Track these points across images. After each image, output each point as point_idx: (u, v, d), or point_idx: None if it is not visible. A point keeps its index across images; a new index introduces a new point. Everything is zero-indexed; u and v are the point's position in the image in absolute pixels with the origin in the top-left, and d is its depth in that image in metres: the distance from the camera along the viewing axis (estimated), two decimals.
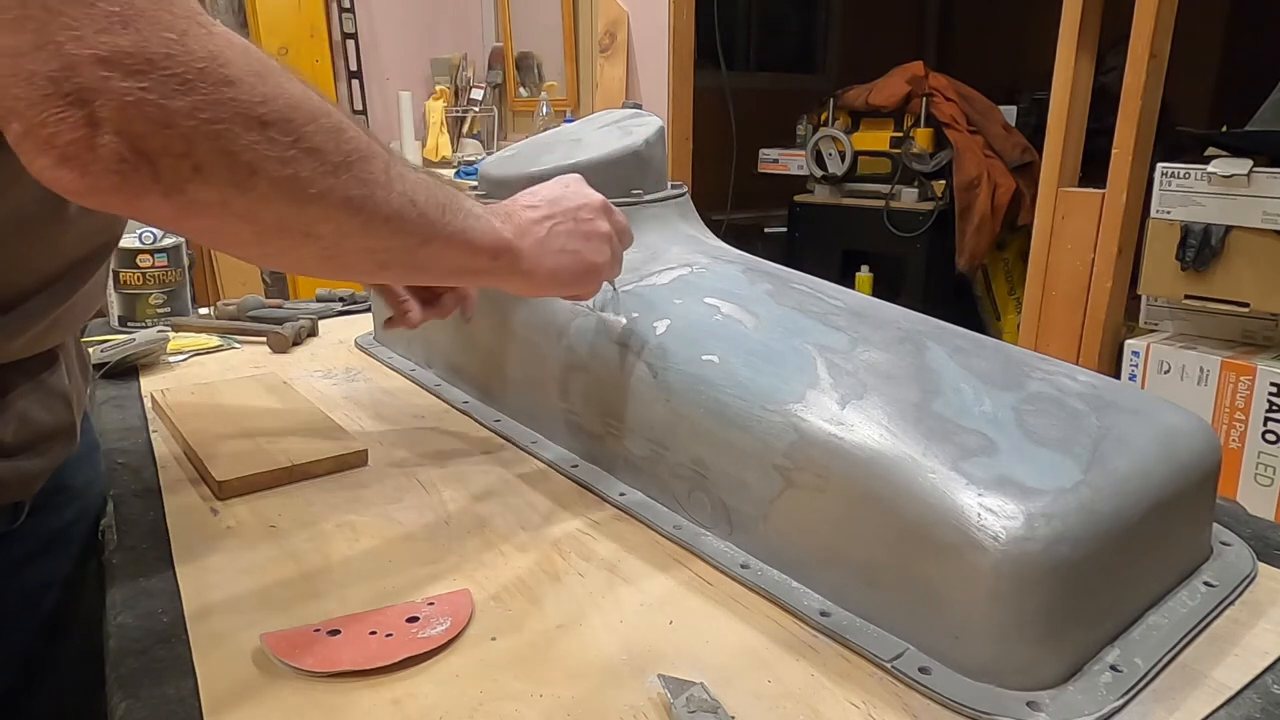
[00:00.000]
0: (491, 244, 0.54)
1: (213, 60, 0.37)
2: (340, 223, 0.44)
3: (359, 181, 0.44)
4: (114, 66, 0.34)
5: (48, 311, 0.55)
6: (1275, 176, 1.46)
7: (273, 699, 0.45)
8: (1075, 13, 1.71)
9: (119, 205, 0.38)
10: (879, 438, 0.51)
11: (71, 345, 0.62)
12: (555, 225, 0.58)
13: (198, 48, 0.36)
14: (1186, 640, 0.50)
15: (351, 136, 0.43)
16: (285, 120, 0.39)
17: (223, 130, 0.37)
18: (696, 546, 0.60)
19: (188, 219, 0.40)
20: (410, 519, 0.65)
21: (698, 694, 0.45)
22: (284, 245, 0.44)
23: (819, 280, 0.74)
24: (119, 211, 0.38)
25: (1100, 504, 0.47)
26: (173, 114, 0.36)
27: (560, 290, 0.62)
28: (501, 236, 0.55)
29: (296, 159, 0.40)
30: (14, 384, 0.55)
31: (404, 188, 0.47)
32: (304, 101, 0.40)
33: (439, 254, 0.51)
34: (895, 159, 2.76)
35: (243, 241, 0.43)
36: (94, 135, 0.35)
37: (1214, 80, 3.07)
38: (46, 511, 0.62)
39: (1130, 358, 1.67)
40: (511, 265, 0.56)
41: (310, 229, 0.43)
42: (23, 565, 0.61)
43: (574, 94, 3.00)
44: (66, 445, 0.60)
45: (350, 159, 0.43)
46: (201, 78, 0.36)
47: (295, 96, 0.40)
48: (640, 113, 0.90)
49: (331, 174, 0.42)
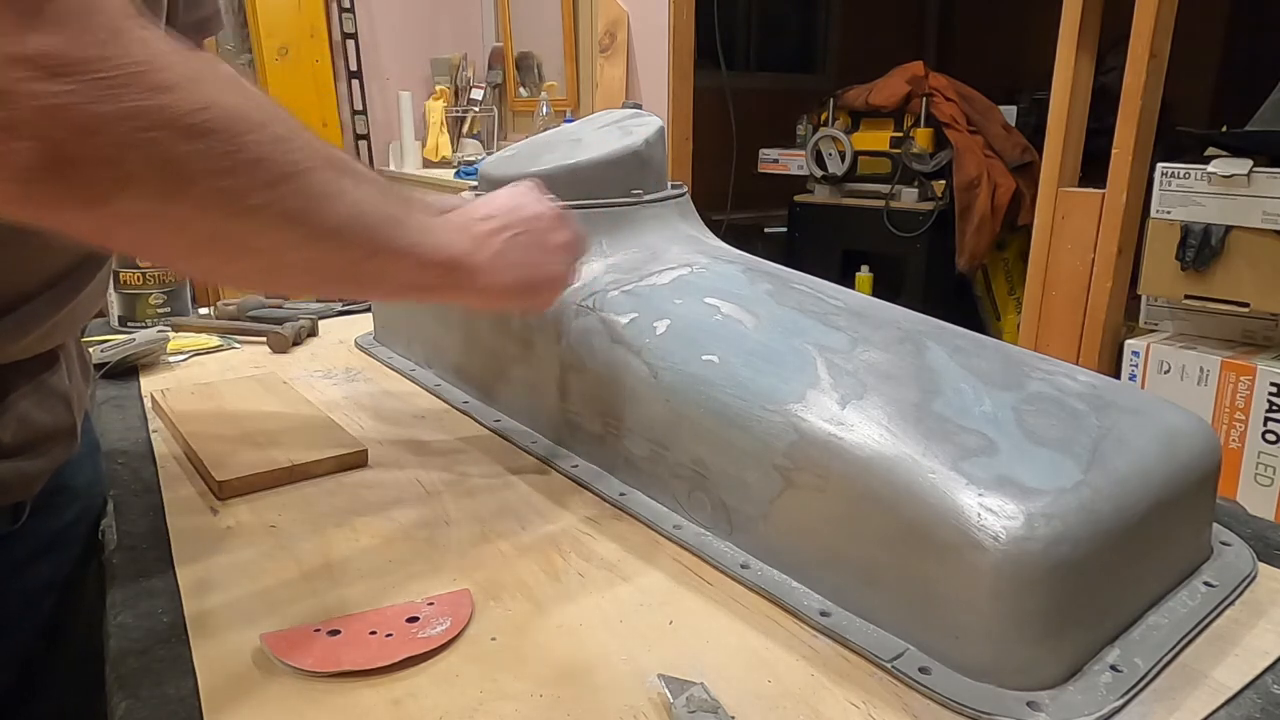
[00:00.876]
0: (445, 259, 0.53)
1: (147, 64, 0.34)
2: (280, 236, 0.42)
3: (302, 194, 0.42)
4: (34, 66, 0.32)
5: (49, 314, 0.55)
6: (1275, 176, 1.46)
7: (273, 699, 0.45)
8: (1075, 13, 1.71)
9: (29, 216, 0.35)
10: (879, 438, 0.51)
11: (72, 346, 0.62)
12: (513, 236, 0.57)
13: (131, 50, 0.34)
14: (1186, 640, 0.50)
15: (299, 146, 0.41)
16: (224, 129, 0.37)
17: (155, 138, 0.35)
18: (696, 546, 0.60)
19: (112, 231, 0.38)
20: (410, 519, 0.65)
21: (698, 694, 0.45)
22: (220, 259, 0.42)
23: (819, 280, 0.74)
24: (32, 223, 0.36)
25: (1100, 504, 0.47)
26: (100, 120, 0.33)
27: (516, 303, 0.60)
28: (455, 251, 0.53)
29: (234, 170, 0.38)
30: (14, 385, 0.55)
31: (354, 199, 0.45)
32: (246, 109, 0.39)
33: (387, 268, 0.50)
34: (895, 159, 2.76)
35: (175, 255, 0.42)
36: (6, 141, 0.32)
37: (1214, 80, 3.07)
38: (47, 512, 0.61)
39: (1130, 358, 1.67)
40: (466, 280, 0.54)
41: (248, 242, 0.42)
42: (24, 566, 0.61)
43: (574, 94, 3.00)
44: (67, 446, 0.60)
45: (294, 170, 0.41)
46: (133, 82, 0.34)
47: (236, 104, 0.38)
48: (640, 113, 0.90)
49: (271, 186, 0.40)
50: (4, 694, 0.62)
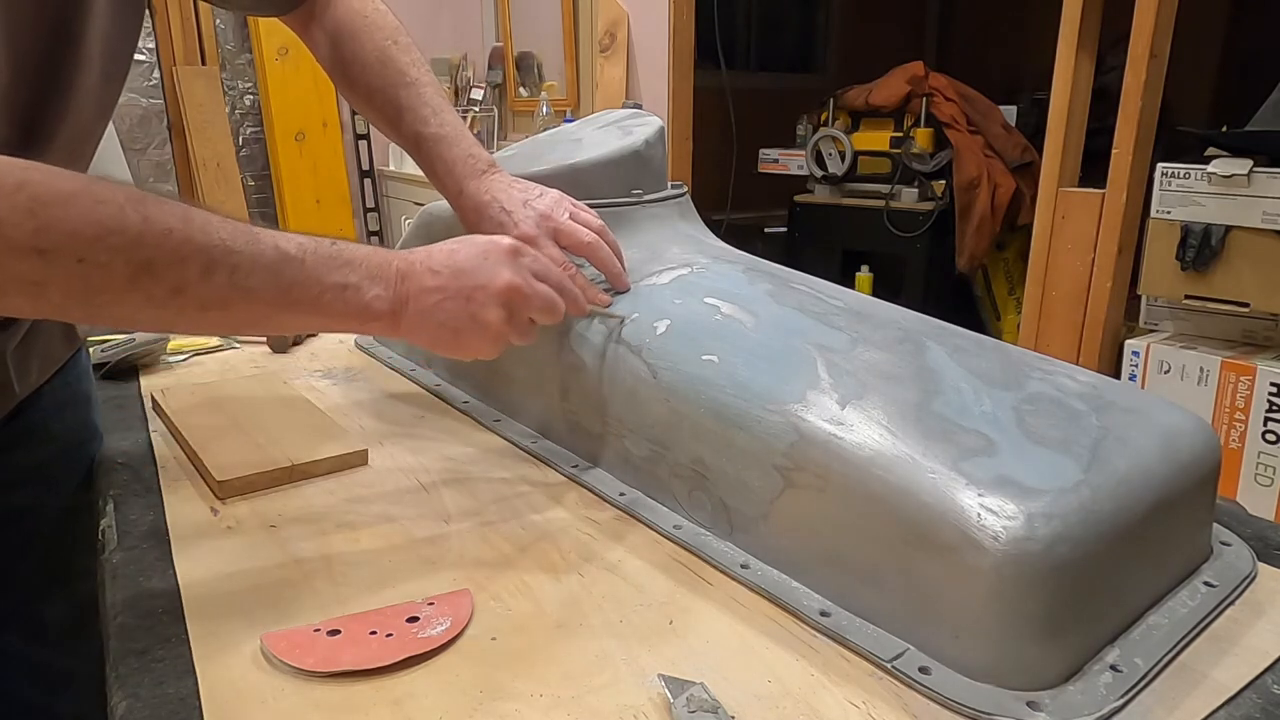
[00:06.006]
0: (358, 313, 0.55)
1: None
2: (152, 316, 0.48)
3: (161, 284, 0.46)
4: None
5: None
6: (1275, 176, 1.46)
7: (273, 699, 0.45)
8: (1075, 13, 1.71)
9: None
10: (879, 438, 0.51)
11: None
12: (444, 300, 0.57)
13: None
14: (1186, 640, 0.50)
15: (156, 245, 0.46)
16: (64, 247, 0.43)
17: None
18: (696, 546, 0.60)
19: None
20: (410, 519, 0.65)
21: (698, 694, 0.45)
22: (111, 322, 0.49)
23: (819, 280, 0.74)
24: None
25: (1100, 504, 0.47)
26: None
27: (440, 352, 0.62)
28: (374, 309, 0.56)
29: (87, 274, 0.44)
30: None
31: (229, 277, 0.49)
32: (89, 224, 0.44)
33: (292, 322, 0.54)
34: (895, 159, 2.76)
35: (72, 319, 0.50)
36: None
37: (1214, 80, 3.06)
38: (21, 448, 0.72)
39: (1130, 358, 1.66)
40: (386, 329, 0.57)
41: (128, 318, 0.48)
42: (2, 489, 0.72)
43: (574, 94, 3.00)
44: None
45: (146, 268, 0.46)
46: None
47: (75, 223, 0.43)
48: (640, 113, 0.90)
49: (128, 283, 0.45)
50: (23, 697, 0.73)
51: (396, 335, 0.58)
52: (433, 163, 0.75)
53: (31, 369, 0.71)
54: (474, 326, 0.58)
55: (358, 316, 0.55)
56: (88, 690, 0.64)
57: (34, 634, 0.76)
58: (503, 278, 0.59)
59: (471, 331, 0.59)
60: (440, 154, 0.74)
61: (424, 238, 0.89)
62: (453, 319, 0.58)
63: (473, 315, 0.58)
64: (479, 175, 0.73)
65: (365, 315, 0.55)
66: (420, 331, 0.58)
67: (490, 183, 0.73)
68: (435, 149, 0.75)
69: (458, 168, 0.74)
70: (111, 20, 0.60)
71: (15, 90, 0.53)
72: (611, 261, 0.71)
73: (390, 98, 0.76)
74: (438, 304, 0.57)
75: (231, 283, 0.49)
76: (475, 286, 0.58)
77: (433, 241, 0.61)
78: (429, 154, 0.75)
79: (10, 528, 0.74)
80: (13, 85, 0.53)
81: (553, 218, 0.70)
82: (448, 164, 0.74)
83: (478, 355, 0.61)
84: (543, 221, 0.70)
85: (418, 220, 0.91)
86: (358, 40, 0.77)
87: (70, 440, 0.77)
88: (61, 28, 0.55)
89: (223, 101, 3.11)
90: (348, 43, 0.78)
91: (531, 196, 0.72)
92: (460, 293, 0.58)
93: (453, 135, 0.75)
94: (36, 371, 0.72)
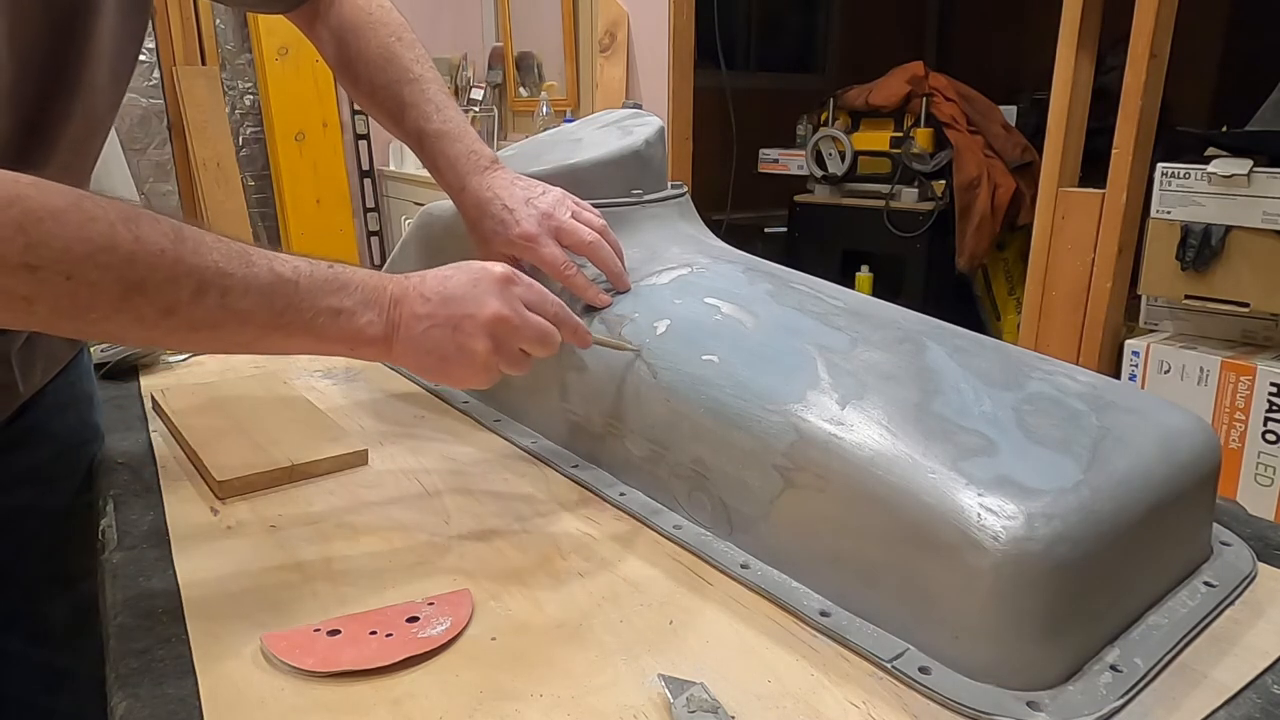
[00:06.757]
0: (351, 338, 0.55)
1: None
2: (142, 334, 0.48)
3: (151, 304, 0.46)
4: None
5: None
6: (1275, 176, 1.46)
7: (273, 699, 0.45)
8: (1075, 13, 1.71)
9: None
10: (879, 438, 0.51)
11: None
12: (431, 328, 0.57)
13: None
14: (1186, 640, 0.50)
15: (147, 264, 0.45)
16: (54, 263, 0.43)
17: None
18: (696, 546, 0.60)
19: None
20: (410, 519, 0.65)
21: (698, 694, 0.45)
22: (100, 338, 0.51)
23: (819, 280, 0.74)
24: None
25: (1100, 504, 0.47)
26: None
27: (425, 378, 0.61)
28: (366, 334, 0.55)
29: (75, 291, 0.44)
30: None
31: (220, 299, 0.48)
32: (79, 241, 0.43)
33: (284, 345, 0.54)
34: (895, 159, 2.76)
35: (61, 334, 0.50)
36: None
37: (1214, 80, 3.06)
38: (22, 448, 0.72)
39: (1130, 358, 1.66)
40: (378, 354, 0.57)
41: (117, 335, 0.49)
42: (3, 488, 0.72)
43: (574, 94, 3.00)
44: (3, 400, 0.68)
45: (137, 288, 0.45)
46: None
47: (66, 239, 0.43)
48: (640, 113, 0.90)
49: (118, 301, 0.45)
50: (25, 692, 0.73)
51: (389, 360, 0.58)
52: (435, 159, 0.75)
53: (35, 370, 0.71)
54: (460, 356, 0.58)
55: (350, 341, 0.55)
56: (88, 690, 0.64)
57: (34, 634, 0.76)
58: (490, 308, 0.58)
59: (458, 361, 0.58)
60: (443, 150, 0.74)
61: (423, 238, 0.89)
62: (439, 347, 0.57)
63: (459, 345, 0.57)
64: (481, 171, 0.73)
65: (358, 340, 0.55)
66: (409, 358, 0.57)
67: (493, 179, 0.73)
68: (438, 145, 0.75)
69: (460, 164, 0.74)
70: (119, 18, 0.60)
71: (21, 86, 0.53)
72: (613, 261, 0.71)
73: (394, 94, 0.76)
74: (425, 331, 0.57)
75: (223, 304, 0.49)
76: (463, 315, 0.57)
77: (431, 241, 0.61)
78: (432, 150, 0.75)
79: (11, 528, 0.74)
80: (18, 81, 0.53)
81: (554, 216, 0.70)
82: (450, 160, 0.74)
83: (467, 385, 0.60)
84: (544, 220, 0.70)
85: (418, 220, 0.91)
86: (362, 37, 0.77)
87: (71, 440, 0.77)
88: (68, 24, 0.55)
89: (223, 101, 3.11)
90: (352, 40, 0.78)
91: (534, 194, 0.72)
92: (448, 321, 0.57)
93: (455, 131, 0.75)
94: (40, 372, 0.72)
